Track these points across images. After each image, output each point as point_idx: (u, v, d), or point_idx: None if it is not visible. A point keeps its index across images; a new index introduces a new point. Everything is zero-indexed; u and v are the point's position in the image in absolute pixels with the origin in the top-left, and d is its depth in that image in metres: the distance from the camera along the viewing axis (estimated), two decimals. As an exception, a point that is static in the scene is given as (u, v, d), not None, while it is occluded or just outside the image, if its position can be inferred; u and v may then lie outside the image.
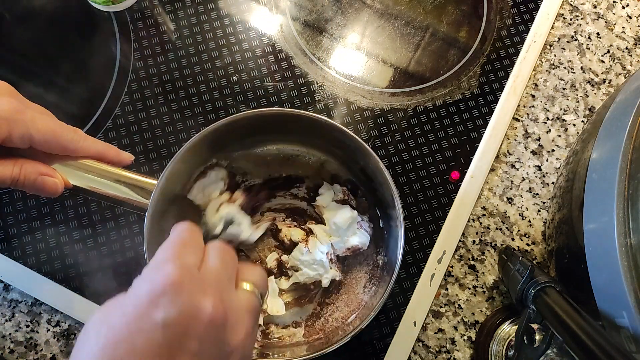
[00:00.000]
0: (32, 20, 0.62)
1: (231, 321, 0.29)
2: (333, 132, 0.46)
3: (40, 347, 0.53)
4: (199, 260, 0.31)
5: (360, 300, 0.49)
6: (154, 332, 0.27)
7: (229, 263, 0.32)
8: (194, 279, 0.29)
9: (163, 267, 0.29)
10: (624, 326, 0.36)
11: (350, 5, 0.63)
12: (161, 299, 0.27)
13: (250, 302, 0.32)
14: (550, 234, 0.53)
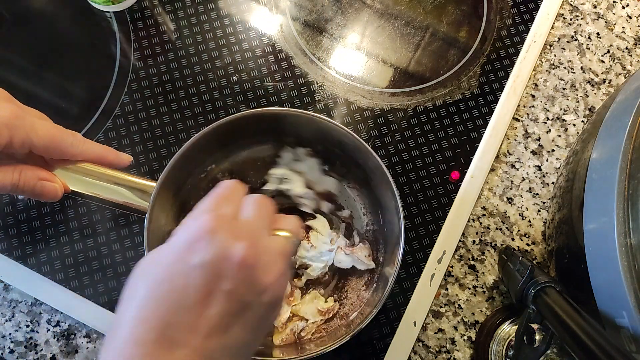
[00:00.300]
0: (32, 20, 0.62)
1: (262, 263, 0.31)
2: (331, 132, 0.46)
3: (40, 347, 0.53)
4: (236, 210, 0.33)
5: (362, 298, 0.49)
6: (191, 274, 0.30)
7: (265, 213, 0.35)
8: (228, 226, 0.31)
9: (200, 217, 0.31)
10: (624, 326, 0.36)
11: (350, 5, 0.63)
12: (197, 245, 0.30)
13: (283, 246, 0.34)
14: (550, 234, 0.53)
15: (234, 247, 0.30)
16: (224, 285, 0.30)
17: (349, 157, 0.49)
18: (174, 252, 0.31)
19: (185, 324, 0.29)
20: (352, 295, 0.50)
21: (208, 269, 0.30)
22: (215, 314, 0.30)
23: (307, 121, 0.47)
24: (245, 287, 0.31)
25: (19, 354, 0.52)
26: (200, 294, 0.29)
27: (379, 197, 0.50)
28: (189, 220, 0.32)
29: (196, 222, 0.31)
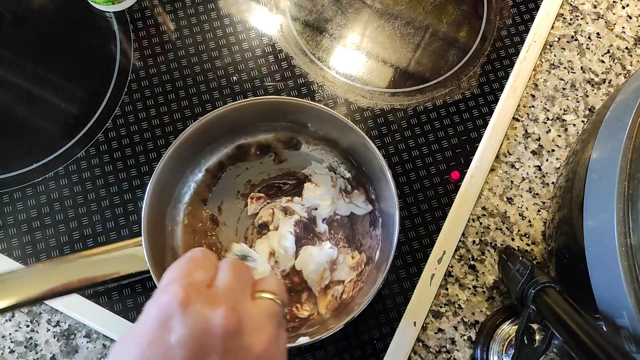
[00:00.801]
0: (32, 20, 0.62)
1: (249, 329, 0.29)
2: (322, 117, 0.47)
3: (40, 347, 0.53)
4: (209, 277, 0.30)
5: (375, 237, 0.51)
6: (169, 355, 0.27)
7: (243, 276, 0.32)
8: (202, 294, 0.28)
9: (169, 288, 0.28)
10: (624, 326, 0.36)
11: (350, 5, 0.63)
12: (170, 321, 0.27)
13: (269, 308, 0.31)
14: (550, 234, 0.53)
15: (213, 317, 0.27)
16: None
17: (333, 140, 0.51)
18: (147, 334, 0.27)
19: None
20: (365, 239, 0.51)
21: (189, 346, 0.27)
22: None
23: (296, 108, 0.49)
24: (233, 359, 0.28)
25: (19, 354, 0.52)
26: None
27: (346, 146, 0.51)
28: (157, 293, 0.29)
29: (165, 295, 0.28)
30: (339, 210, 0.52)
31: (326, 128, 0.50)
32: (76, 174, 0.56)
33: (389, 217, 0.48)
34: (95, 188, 0.56)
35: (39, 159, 0.57)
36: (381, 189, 0.49)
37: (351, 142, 0.49)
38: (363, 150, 0.48)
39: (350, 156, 0.51)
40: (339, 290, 0.50)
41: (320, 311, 0.49)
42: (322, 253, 0.50)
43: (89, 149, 0.57)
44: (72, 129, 0.58)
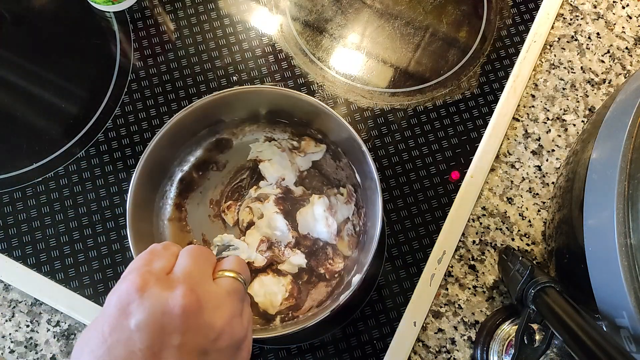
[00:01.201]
0: (32, 20, 0.62)
1: (209, 306, 0.29)
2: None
3: (40, 347, 0.53)
4: (168, 266, 0.31)
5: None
6: (130, 339, 0.27)
7: (202, 260, 0.32)
8: (160, 280, 0.29)
9: (128, 277, 0.29)
10: (624, 326, 0.36)
11: (350, 5, 0.63)
12: (129, 307, 0.28)
13: (230, 285, 0.32)
14: (550, 234, 0.53)
15: (171, 297, 0.28)
16: (172, 341, 0.27)
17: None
18: (107, 321, 0.28)
19: None
20: (339, 174, 0.53)
21: (149, 328, 0.27)
22: None
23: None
24: (195, 336, 0.28)
25: (19, 354, 0.52)
26: (148, 357, 0.27)
27: (267, 110, 0.51)
28: (117, 284, 0.30)
29: (123, 283, 0.29)
30: (302, 167, 0.53)
31: (244, 105, 0.50)
32: (76, 174, 0.56)
33: (346, 141, 0.49)
34: (95, 188, 0.56)
35: (39, 159, 0.57)
36: (323, 123, 0.50)
37: (269, 101, 0.49)
38: (285, 101, 0.48)
39: (277, 117, 0.52)
40: (350, 228, 0.51)
41: (347, 254, 0.51)
42: (315, 207, 0.51)
43: (89, 149, 0.57)
44: (72, 129, 0.58)
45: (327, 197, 0.52)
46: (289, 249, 0.50)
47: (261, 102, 0.50)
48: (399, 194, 0.56)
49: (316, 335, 0.53)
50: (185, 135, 0.50)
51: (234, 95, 0.48)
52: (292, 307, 0.49)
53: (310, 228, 0.51)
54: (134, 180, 0.46)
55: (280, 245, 0.51)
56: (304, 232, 0.51)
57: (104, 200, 0.56)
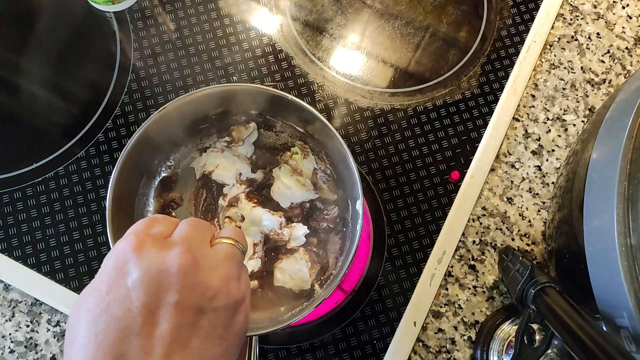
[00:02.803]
0: (32, 20, 0.62)
1: (206, 267, 0.29)
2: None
3: (40, 347, 0.53)
4: (167, 231, 0.31)
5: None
6: (127, 297, 0.27)
7: (202, 228, 0.32)
8: (158, 241, 0.29)
9: (126, 238, 0.29)
10: (624, 326, 0.36)
11: (350, 5, 0.63)
12: (126, 266, 0.28)
13: (227, 250, 0.32)
14: (550, 234, 0.53)
15: (168, 256, 0.28)
16: (168, 298, 0.28)
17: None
18: (105, 281, 0.28)
19: (138, 350, 0.26)
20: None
21: (145, 285, 0.27)
22: (167, 330, 0.27)
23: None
24: (191, 294, 0.28)
25: (19, 354, 0.52)
26: (145, 315, 0.27)
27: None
28: (114, 246, 0.30)
29: (121, 244, 0.29)
30: (248, 153, 0.52)
31: (156, 141, 0.49)
32: (76, 174, 0.56)
33: (267, 104, 0.48)
34: (94, 188, 0.56)
35: (39, 159, 0.57)
36: (234, 103, 0.49)
37: (178, 118, 0.48)
38: (188, 107, 0.47)
39: (195, 127, 0.51)
40: (322, 175, 0.51)
41: (333, 198, 0.51)
42: (282, 178, 0.50)
43: (89, 149, 0.57)
44: (72, 129, 0.58)
45: (285, 163, 0.51)
46: (285, 229, 0.50)
47: (173, 124, 0.49)
48: (399, 194, 0.56)
49: (316, 335, 0.53)
50: (130, 192, 0.49)
51: (146, 133, 0.46)
52: (320, 270, 0.49)
53: (290, 198, 0.51)
54: None
55: (276, 231, 0.51)
56: (287, 205, 0.51)
57: (104, 201, 0.55)
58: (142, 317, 0.27)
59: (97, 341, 0.26)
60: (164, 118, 0.46)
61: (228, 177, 0.52)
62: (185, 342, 0.28)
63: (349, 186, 0.48)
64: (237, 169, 0.52)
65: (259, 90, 0.46)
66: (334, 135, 0.45)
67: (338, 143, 0.45)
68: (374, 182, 0.56)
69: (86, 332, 0.27)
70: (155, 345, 0.27)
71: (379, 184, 0.56)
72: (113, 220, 0.45)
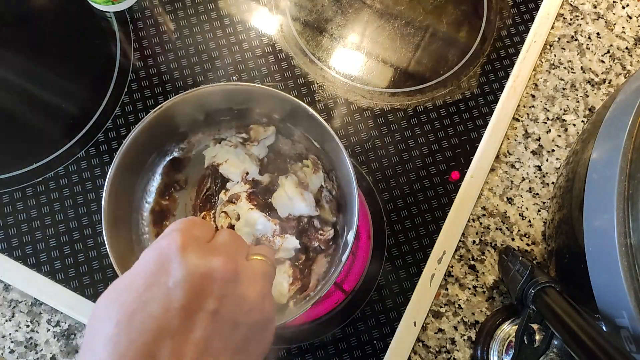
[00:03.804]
0: (32, 20, 0.62)
1: (244, 280, 0.29)
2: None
3: (40, 347, 0.53)
4: (209, 235, 0.31)
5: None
6: (167, 296, 0.27)
7: (239, 241, 0.33)
8: (201, 244, 0.29)
9: (169, 235, 0.29)
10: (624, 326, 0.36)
11: (350, 5, 0.63)
12: (169, 265, 0.27)
13: (263, 267, 0.32)
14: (550, 234, 0.53)
15: (212, 262, 0.28)
16: (208, 305, 0.27)
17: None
18: (144, 277, 0.27)
19: (170, 354, 0.25)
20: None
21: (187, 288, 0.27)
22: (201, 338, 0.26)
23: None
24: (230, 305, 0.28)
25: (19, 354, 0.52)
26: (182, 318, 0.26)
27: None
28: (156, 241, 0.29)
29: (165, 240, 0.28)
30: (260, 155, 0.52)
31: (177, 122, 0.49)
32: (76, 174, 0.56)
33: (292, 112, 0.48)
34: (95, 188, 0.56)
35: (39, 159, 0.57)
36: (261, 104, 0.48)
37: (201, 104, 0.48)
38: (215, 96, 0.47)
39: (217, 116, 0.51)
40: (326, 194, 0.50)
41: (332, 220, 0.50)
42: (286, 187, 0.50)
43: (89, 149, 0.57)
44: (72, 129, 0.58)
45: (294, 174, 0.51)
46: (277, 238, 0.50)
47: (195, 107, 0.48)
48: (399, 194, 0.56)
49: (316, 335, 0.53)
50: (138, 165, 0.49)
51: (167, 112, 0.46)
52: (300, 288, 0.49)
53: (289, 209, 0.51)
54: (104, 226, 0.43)
55: (268, 237, 0.50)
56: (285, 215, 0.51)
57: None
58: (179, 320, 0.26)
59: (130, 338, 0.25)
60: (188, 101, 0.46)
61: (235, 173, 0.52)
62: (217, 353, 0.27)
63: (349, 212, 0.48)
64: (245, 167, 0.51)
65: (285, 98, 0.46)
66: (345, 159, 0.44)
67: (346, 167, 0.45)
68: (374, 182, 0.56)
69: (117, 327, 0.26)
70: (187, 352, 0.26)
71: (379, 184, 0.56)
72: (112, 183, 0.45)
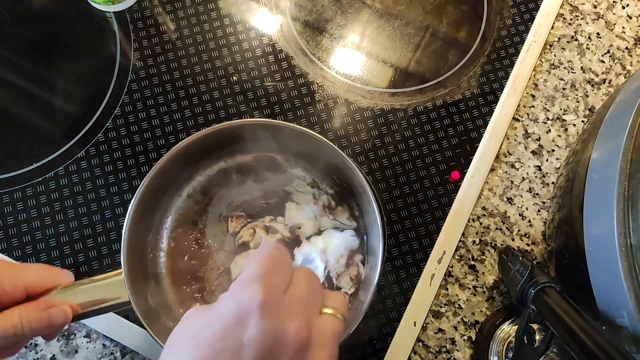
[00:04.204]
0: (32, 20, 0.62)
1: (315, 344, 0.30)
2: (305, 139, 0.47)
3: (40, 347, 0.53)
4: (286, 281, 0.31)
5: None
6: (239, 351, 0.27)
7: (316, 288, 0.33)
8: (281, 300, 0.29)
9: (251, 286, 0.29)
10: (624, 326, 0.36)
11: (350, 5, 0.63)
12: (248, 319, 0.28)
13: (335, 327, 0.32)
14: (550, 234, 0.53)
15: (288, 327, 0.29)
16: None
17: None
18: (221, 324, 0.28)
19: None
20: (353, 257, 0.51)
21: (260, 348, 0.28)
22: None
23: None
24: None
25: (19, 354, 0.52)
26: None
27: (325, 163, 0.50)
28: (237, 286, 0.30)
29: (246, 292, 0.29)
30: (322, 227, 0.51)
31: (302, 146, 0.49)
32: (76, 174, 0.56)
33: (372, 229, 0.48)
34: (95, 188, 0.56)
35: (39, 159, 0.57)
36: (364, 204, 0.48)
37: (329, 159, 0.48)
38: (342, 166, 0.47)
39: (331, 173, 0.51)
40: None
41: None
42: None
43: (89, 149, 0.57)
44: (72, 129, 0.58)
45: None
46: None
47: (324, 159, 0.49)
48: (399, 194, 0.56)
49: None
50: (239, 142, 0.50)
51: (307, 136, 0.46)
52: None
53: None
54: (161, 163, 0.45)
55: None
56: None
57: (104, 200, 0.56)
58: None
59: None
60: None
61: (291, 218, 0.52)
62: None
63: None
64: (303, 223, 0.51)
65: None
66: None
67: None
68: (373, 182, 0.56)
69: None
70: None
71: (379, 184, 0.56)
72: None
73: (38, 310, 0.37)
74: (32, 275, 0.38)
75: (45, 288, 0.39)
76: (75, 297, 0.40)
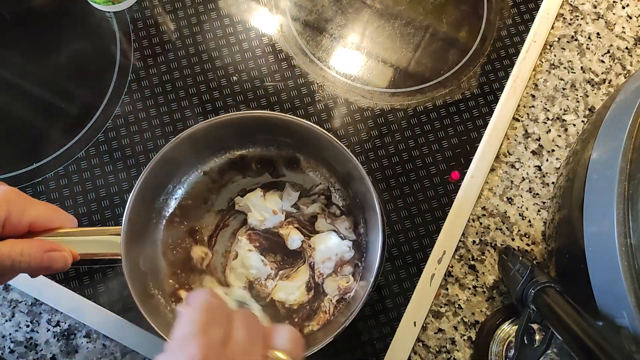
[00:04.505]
0: (32, 20, 0.62)
1: None
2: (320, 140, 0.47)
3: (40, 347, 0.53)
4: (224, 333, 0.30)
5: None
6: None
7: (256, 332, 0.32)
8: (220, 356, 0.29)
9: (187, 346, 0.28)
10: (624, 326, 0.36)
11: (350, 5, 0.63)
12: None
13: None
14: (550, 234, 0.53)
15: None
16: None
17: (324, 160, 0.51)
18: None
19: None
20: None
21: None
22: None
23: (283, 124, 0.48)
24: None
25: (19, 354, 0.52)
26: None
27: (343, 174, 0.50)
28: (173, 347, 0.29)
29: (183, 353, 0.28)
30: (319, 228, 0.51)
31: (327, 153, 0.49)
32: (76, 174, 0.56)
33: (372, 244, 0.48)
34: (95, 188, 0.56)
35: (39, 159, 0.57)
36: (370, 219, 0.49)
37: (349, 169, 0.48)
38: (358, 180, 0.47)
39: (346, 185, 0.51)
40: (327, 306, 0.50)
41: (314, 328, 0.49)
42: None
43: (89, 149, 0.57)
44: (72, 129, 0.58)
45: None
46: (270, 281, 0.50)
47: (343, 170, 0.49)
48: (399, 194, 0.56)
49: (316, 335, 0.52)
50: (268, 132, 0.50)
51: (333, 144, 0.46)
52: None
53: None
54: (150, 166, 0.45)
55: (261, 282, 0.50)
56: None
57: (104, 200, 0.56)
58: None
59: None
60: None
61: (290, 196, 0.52)
62: None
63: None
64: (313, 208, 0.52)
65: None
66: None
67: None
68: (374, 182, 0.56)
69: None
70: None
71: (379, 184, 0.56)
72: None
73: (41, 250, 0.36)
74: (38, 212, 0.37)
75: (48, 227, 0.38)
76: (73, 245, 0.40)
